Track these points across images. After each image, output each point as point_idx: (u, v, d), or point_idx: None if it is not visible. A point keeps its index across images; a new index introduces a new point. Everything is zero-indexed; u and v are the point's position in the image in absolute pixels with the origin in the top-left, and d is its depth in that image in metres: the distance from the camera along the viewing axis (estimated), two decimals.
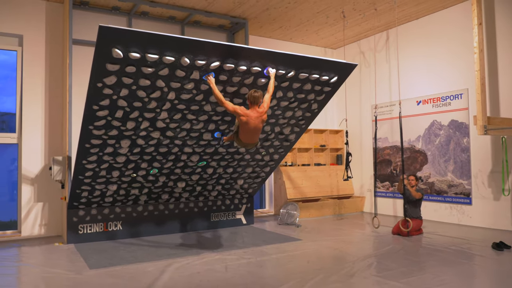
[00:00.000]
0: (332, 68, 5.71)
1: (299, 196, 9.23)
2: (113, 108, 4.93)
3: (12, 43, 6.88)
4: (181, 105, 5.31)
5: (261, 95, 5.08)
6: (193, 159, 6.42)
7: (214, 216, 7.72)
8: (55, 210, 6.98)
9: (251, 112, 5.04)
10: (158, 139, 5.72)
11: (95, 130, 5.15)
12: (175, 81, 4.94)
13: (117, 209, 6.74)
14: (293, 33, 9.13)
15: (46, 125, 6.98)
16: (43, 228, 6.92)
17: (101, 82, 4.54)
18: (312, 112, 6.46)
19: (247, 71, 5.20)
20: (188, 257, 5.53)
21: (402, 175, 7.00)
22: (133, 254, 5.72)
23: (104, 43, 4.16)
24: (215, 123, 5.89)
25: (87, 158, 5.55)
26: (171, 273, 4.80)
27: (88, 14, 7.13)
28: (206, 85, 5.17)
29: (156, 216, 7.11)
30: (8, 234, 6.79)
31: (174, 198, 7.21)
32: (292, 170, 9.45)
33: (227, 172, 7.09)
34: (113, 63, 4.39)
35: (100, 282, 4.50)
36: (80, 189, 6.05)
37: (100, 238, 6.55)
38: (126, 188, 6.45)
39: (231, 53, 4.85)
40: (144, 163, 6.09)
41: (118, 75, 4.56)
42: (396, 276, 4.62)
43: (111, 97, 4.79)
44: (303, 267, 5.06)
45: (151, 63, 4.57)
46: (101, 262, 5.29)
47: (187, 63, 4.73)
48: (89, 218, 6.52)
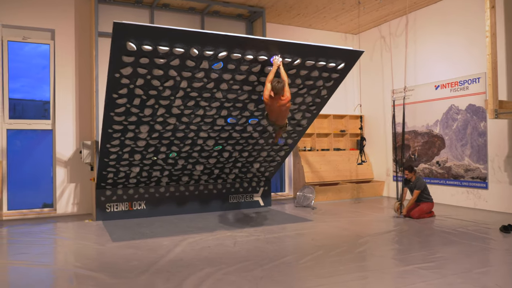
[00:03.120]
0: (337, 55, 5.89)
1: (317, 180, 9.49)
2: (130, 96, 5.39)
3: (46, 37, 7.51)
4: (193, 92, 5.70)
5: (282, 85, 5.33)
6: (209, 144, 6.83)
7: (232, 198, 8.15)
8: (86, 190, 7.64)
9: (274, 101, 5.36)
10: (174, 124, 6.15)
11: (116, 117, 5.64)
12: (186, 71, 5.32)
13: (141, 190, 7.30)
14: (311, 20, 9.26)
15: (76, 112, 7.61)
16: (76, 207, 7.61)
17: (118, 72, 4.99)
18: (322, 98, 6.67)
19: (254, 60, 5.49)
20: (202, 233, 5.99)
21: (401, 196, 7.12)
22: (153, 230, 6.24)
23: (119, 38, 4.59)
24: (227, 109, 6.24)
25: (111, 142, 6.08)
26: (184, 246, 5.27)
27: (113, 8, 7.62)
28: (216, 74, 5.53)
29: (177, 197, 7.62)
30: (46, 212, 7.53)
31: (194, 180, 7.68)
32: (310, 154, 9.70)
33: (243, 156, 7.46)
34: (128, 55, 4.82)
35: (120, 252, 5.03)
36: (106, 171, 6.62)
37: (126, 216, 7.14)
38: (148, 170, 6.98)
39: (236, 43, 5.16)
40: (163, 147, 6.56)
41: (134, 66, 4.99)
42: (391, 252, 4.86)
43: (129, 86, 5.25)
44: (307, 244, 5.39)
45: (162, 54, 4.96)
46: (124, 236, 5.85)
47: (196, 53, 5.09)
48: (115, 198, 7.12)
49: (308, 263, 4.48)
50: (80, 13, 7.59)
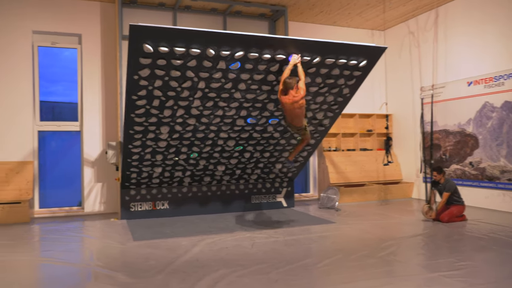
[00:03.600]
0: (359, 52, 5.72)
1: (343, 181, 9.28)
2: (150, 97, 5.46)
3: (73, 41, 7.76)
4: (211, 93, 5.70)
5: (294, 82, 5.28)
6: (229, 144, 6.81)
7: (254, 199, 8.10)
8: (112, 190, 7.82)
9: (286, 97, 5.32)
10: (194, 125, 6.18)
11: (137, 118, 5.73)
12: (203, 71, 5.32)
13: (164, 190, 7.39)
14: (335, 17, 9.08)
15: (103, 113, 7.81)
16: (102, 206, 7.81)
17: (136, 74, 5.06)
18: (344, 97, 6.50)
19: (272, 59, 5.42)
20: (222, 234, 5.98)
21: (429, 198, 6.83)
22: (174, 230, 6.30)
23: (136, 40, 4.65)
24: (246, 110, 6.20)
25: (133, 143, 6.18)
26: (202, 247, 5.27)
27: (136, 11, 7.77)
28: (234, 74, 5.50)
29: (199, 197, 7.66)
30: (74, 210, 7.77)
31: (216, 181, 7.69)
32: (336, 155, 9.50)
33: (264, 156, 7.39)
34: (145, 57, 4.87)
35: (139, 251, 5.09)
36: (129, 171, 6.75)
37: (149, 216, 7.25)
38: (170, 171, 7.05)
39: (252, 42, 5.10)
40: (184, 148, 6.61)
41: (151, 68, 5.04)
42: (416, 257, 4.65)
43: (147, 88, 5.31)
44: (326, 247, 5.25)
45: (179, 55, 4.99)
46: (145, 235, 5.93)
47: (212, 54, 5.08)
48: (139, 197, 7.24)
49: (326, 267, 4.37)
50: (105, 17, 7.78)
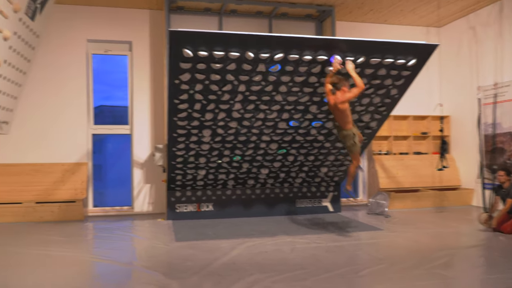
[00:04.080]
0: (406, 51, 5.42)
1: (394, 186, 8.85)
2: (191, 101, 5.55)
3: (124, 48, 8.13)
4: (252, 96, 5.68)
5: (340, 81, 5.14)
6: (272, 147, 6.75)
7: (299, 203, 7.96)
8: (159, 191, 8.08)
9: (331, 96, 5.24)
10: (236, 128, 6.20)
11: (179, 121, 5.86)
12: (243, 74, 5.32)
13: (208, 192, 7.49)
14: (386, 15, 8.70)
15: (151, 117, 8.10)
16: (151, 206, 8.08)
17: (177, 79, 5.17)
18: (392, 98, 6.19)
19: (313, 60, 5.29)
20: (263, 238, 5.92)
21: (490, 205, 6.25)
22: (216, 232, 6.34)
23: (175, 45, 4.75)
24: (288, 112, 6.11)
25: (176, 146, 6.33)
26: (241, 250, 5.25)
27: (183, 17, 7.96)
28: (274, 76, 5.44)
29: (243, 199, 7.67)
30: (125, 210, 8.12)
31: (260, 184, 7.66)
32: (386, 158, 9.09)
33: (309, 160, 7.25)
34: (185, 62, 4.96)
35: (180, 252, 5.18)
36: (174, 173, 6.92)
37: (194, 217, 7.38)
38: (214, 173, 7.13)
39: (291, 44, 5.01)
40: (227, 151, 6.65)
41: (191, 72, 5.13)
42: (467, 272, 4.29)
43: (188, 92, 5.41)
44: (369, 255, 5.01)
45: (218, 59, 5.02)
46: (187, 236, 6.04)
47: (251, 57, 5.05)
48: (184, 199, 7.40)
49: (366, 277, 4.16)
50: (154, 24, 8.07)
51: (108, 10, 7.87)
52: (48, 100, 7.66)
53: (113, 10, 7.89)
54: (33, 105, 7.54)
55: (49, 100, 7.67)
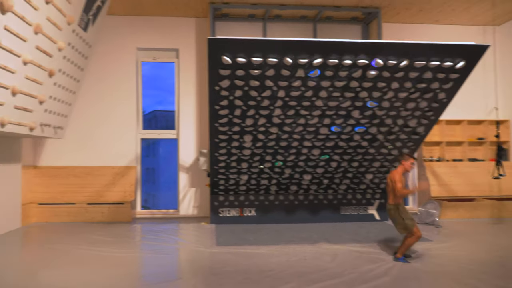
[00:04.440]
0: (454, 52, 5.12)
1: (446, 194, 8.37)
2: (231, 107, 5.62)
3: (172, 56, 8.42)
4: (292, 101, 5.64)
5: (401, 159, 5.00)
6: (314, 153, 6.66)
7: (343, 210, 7.77)
8: (203, 195, 8.24)
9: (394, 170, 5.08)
10: (276, 134, 6.18)
11: (220, 127, 5.95)
12: (282, 80, 5.30)
13: (251, 197, 7.52)
14: (437, 15, 8.29)
15: (197, 122, 8.30)
16: (195, 210, 8.26)
17: (217, 85, 5.26)
18: (441, 102, 5.87)
19: (353, 64, 5.16)
20: (304, 245, 5.84)
21: None
22: (257, 237, 6.35)
23: (214, 53, 4.84)
24: (329, 118, 6.00)
25: (218, 151, 6.44)
26: (280, 256, 5.22)
27: (228, 24, 8.10)
28: (313, 82, 5.37)
29: (286, 205, 7.62)
30: (171, 213, 8.37)
31: (303, 190, 7.58)
32: (438, 165, 8.63)
33: (353, 166, 7.06)
34: (224, 69, 5.04)
35: (219, 256, 5.24)
36: (217, 178, 7.03)
37: (236, 222, 7.44)
38: (256, 178, 7.16)
39: (330, 48, 4.92)
40: (268, 156, 6.65)
41: (231, 78, 5.19)
42: None
43: (228, 98, 5.48)
44: (412, 267, 4.77)
45: (256, 65, 5.05)
46: (228, 241, 6.10)
47: (289, 62, 5.03)
48: (227, 203, 7.49)
49: None
50: (200, 32, 8.29)
51: (157, 19, 8.21)
52: (99, 106, 8.11)
53: (161, 19, 8.21)
54: (85, 111, 8.03)
55: (101, 106, 8.11)
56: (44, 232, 6.78)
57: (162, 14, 8.13)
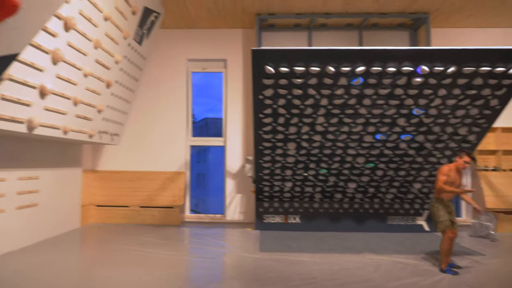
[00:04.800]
0: (507, 57, 4.90)
1: (503, 206, 7.91)
2: (275, 115, 5.75)
3: (220, 66, 8.72)
4: (335, 110, 5.67)
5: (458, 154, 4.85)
6: (359, 161, 6.60)
7: (390, 219, 7.60)
8: (249, 201, 8.41)
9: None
10: (320, 141, 6.22)
11: (264, 135, 6.09)
12: (324, 88, 5.35)
13: (296, 204, 7.57)
14: (491, 18, 7.92)
15: (243, 130, 8.52)
16: (241, 215, 8.45)
17: (261, 94, 5.41)
18: (493, 109, 5.62)
19: (397, 72, 5.10)
20: (347, 254, 5.80)
21: None
22: (301, 244, 6.38)
23: (258, 63, 5.00)
24: (374, 126, 5.94)
25: (263, 158, 6.58)
26: (322, 265, 5.23)
27: (274, 34, 8.28)
28: (357, 89, 5.36)
29: (331, 213, 7.59)
30: (218, 217, 8.62)
31: (348, 198, 7.51)
32: (494, 175, 8.19)
33: (399, 175, 6.91)
34: (267, 78, 5.18)
35: (262, 262, 5.35)
36: (262, 184, 7.17)
37: (281, 228, 7.52)
38: (301, 186, 7.21)
39: (373, 56, 4.91)
40: (312, 164, 6.69)
41: (274, 88, 5.33)
42: None
43: (272, 107, 5.61)
44: (462, 282, 4.59)
45: (299, 74, 5.14)
46: (272, 247, 6.19)
47: (332, 71, 5.07)
48: (272, 210, 7.60)
49: None
50: (246, 42, 8.53)
51: (206, 32, 8.57)
52: (152, 114, 8.57)
53: (210, 31, 8.56)
54: (139, 119, 8.52)
55: (153, 114, 8.57)
56: (101, 232, 7.27)
57: (211, 27, 8.48)
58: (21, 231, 5.84)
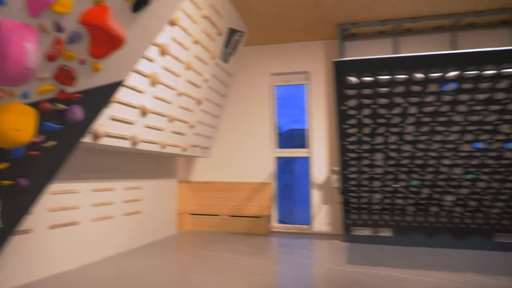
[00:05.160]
0: None
1: None
2: (359, 126, 5.64)
3: (302, 78, 8.82)
4: (426, 118, 5.37)
5: None
6: (456, 172, 6.14)
7: (498, 236, 6.86)
8: (336, 212, 8.28)
9: None
10: (410, 151, 5.93)
11: (349, 145, 6.00)
12: (413, 96, 5.12)
13: (386, 217, 7.26)
14: None
15: (327, 141, 8.46)
16: (328, 226, 8.35)
17: (344, 105, 5.36)
18: None
19: (497, 74, 4.68)
20: (444, 272, 5.40)
21: None
22: (391, 259, 6.09)
23: (339, 74, 4.98)
24: (472, 133, 5.50)
25: (348, 169, 6.46)
26: (413, 282, 4.94)
27: (357, 43, 8.12)
28: (449, 96, 5.03)
29: (426, 227, 7.12)
30: (304, 228, 8.63)
31: (445, 212, 6.99)
32: None
33: (507, 187, 6.25)
34: (350, 89, 5.13)
35: (350, 275, 5.24)
36: (348, 195, 7.03)
37: (371, 242, 7.25)
38: (391, 198, 6.91)
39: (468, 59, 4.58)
40: (403, 175, 6.39)
41: (358, 98, 5.24)
42: None
43: (356, 117, 5.52)
44: None
45: (384, 83, 5.00)
46: (360, 260, 6.03)
47: (420, 78, 4.84)
48: (361, 222, 7.38)
49: None
50: (329, 53, 8.50)
51: (288, 46, 8.74)
52: (238, 128, 8.95)
53: (292, 45, 8.72)
54: (227, 133, 8.95)
55: (240, 128, 8.95)
56: (194, 239, 7.74)
57: (292, 40, 8.63)
58: (126, 236, 6.48)
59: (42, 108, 2.87)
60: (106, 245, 5.95)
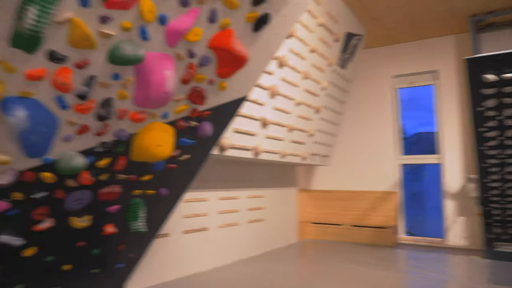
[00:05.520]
0: None
1: None
2: (501, 128, 4.98)
3: (429, 78, 8.14)
4: None
5: None
6: None
7: None
8: (474, 225, 7.40)
9: None
10: None
11: (489, 150, 5.33)
12: None
13: None
14: None
15: (461, 146, 7.64)
16: (464, 240, 7.51)
17: (480, 106, 4.79)
18: None
19: None
20: None
21: None
22: None
23: (473, 72, 4.47)
24: None
25: (488, 177, 5.74)
26: None
27: (495, 35, 7.15)
28: None
29: None
30: (437, 241, 7.90)
31: None
32: None
33: None
34: (487, 88, 4.56)
35: None
36: (489, 206, 6.23)
37: None
38: None
39: None
40: None
41: (497, 97, 4.64)
42: None
43: (496, 119, 4.89)
44: None
45: None
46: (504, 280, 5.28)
47: None
48: (506, 237, 6.47)
49: None
50: (460, 49, 7.69)
51: (411, 45, 8.19)
52: (359, 134, 8.67)
53: (416, 43, 8.14)
54: (346, 140, 8.73)
55: (360, 134, 8.65)
56: (315, 248, 7.72)
57: (416, 38, 8.06)
58: (251, 242, 6.78)
59: (178, 126, 3.20)
60: (233, 250, 6.31)
